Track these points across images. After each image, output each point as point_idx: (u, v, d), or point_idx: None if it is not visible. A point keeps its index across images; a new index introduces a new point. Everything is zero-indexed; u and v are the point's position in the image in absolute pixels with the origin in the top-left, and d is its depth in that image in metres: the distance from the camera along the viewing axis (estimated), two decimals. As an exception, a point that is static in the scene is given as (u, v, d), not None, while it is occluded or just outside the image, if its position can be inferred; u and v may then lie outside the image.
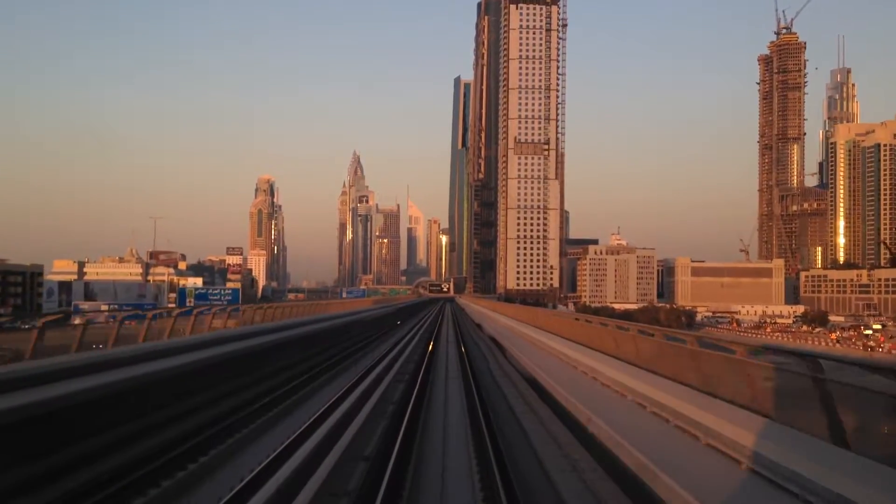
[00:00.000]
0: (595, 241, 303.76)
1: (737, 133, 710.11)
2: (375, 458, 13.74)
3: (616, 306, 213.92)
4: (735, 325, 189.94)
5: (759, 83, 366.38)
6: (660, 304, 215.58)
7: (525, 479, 12.51)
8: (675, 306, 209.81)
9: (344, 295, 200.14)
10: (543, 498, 11.64)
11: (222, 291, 62.87)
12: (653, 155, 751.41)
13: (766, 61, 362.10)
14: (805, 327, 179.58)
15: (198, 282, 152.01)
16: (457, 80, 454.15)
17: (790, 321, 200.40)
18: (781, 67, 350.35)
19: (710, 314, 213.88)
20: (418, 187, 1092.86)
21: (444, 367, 32.73)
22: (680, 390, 13.12)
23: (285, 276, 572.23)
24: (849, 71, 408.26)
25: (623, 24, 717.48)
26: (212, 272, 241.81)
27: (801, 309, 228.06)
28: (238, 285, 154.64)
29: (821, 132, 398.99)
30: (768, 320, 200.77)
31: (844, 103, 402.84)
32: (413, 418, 17.34)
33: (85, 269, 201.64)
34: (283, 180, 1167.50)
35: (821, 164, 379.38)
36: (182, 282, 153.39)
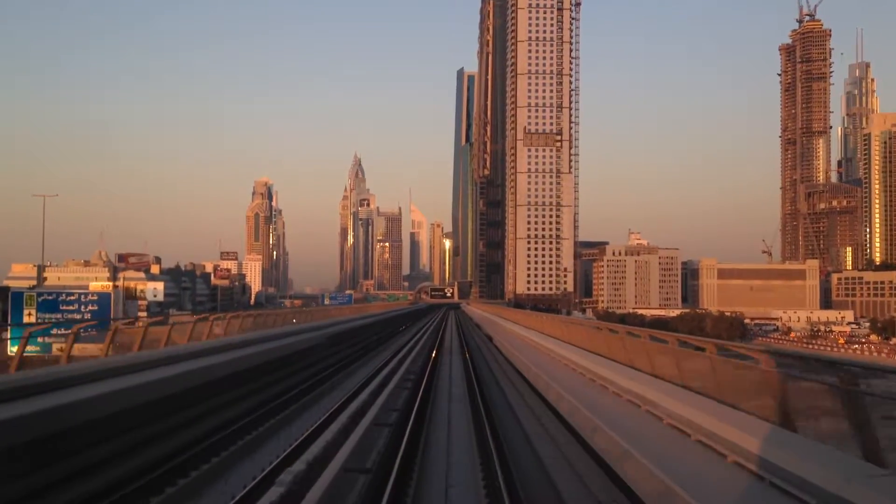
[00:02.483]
0: (606, 244, 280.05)
1: (757, 127, 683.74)
2: None
3: (643, 312, 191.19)
4: (793, 335, 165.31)
5: (780, 74, 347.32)
6: (702, 311, 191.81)
7: None
8: (720, 312, 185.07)
9: (326, 301, 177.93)
10: None
11: (82, 298, 41.02)
12: (665, 151, 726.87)
13: (787, 51, 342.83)
14: (874, 336, 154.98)
15: (158, 287, 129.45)
16: (459, 73, 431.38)
17: (846, 328, 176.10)
18: (805, 56, 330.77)
19: (750, 321, 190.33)
20: (421, 191, 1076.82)
21: None
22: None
23: (286, 281, 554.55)
24: (868, 65, 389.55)
25: (635, 11, 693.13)
26: (192, 277, 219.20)
27: (848, 314, 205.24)
28: (170, 290, 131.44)
29: (839, 129, 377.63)
30: (822, 328, 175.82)
31: (864, 98, 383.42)
32: None
33: (45, 274, 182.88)
34: (286, 185, 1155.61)
35: (839, 162, 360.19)
36: (141, 287, 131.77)
